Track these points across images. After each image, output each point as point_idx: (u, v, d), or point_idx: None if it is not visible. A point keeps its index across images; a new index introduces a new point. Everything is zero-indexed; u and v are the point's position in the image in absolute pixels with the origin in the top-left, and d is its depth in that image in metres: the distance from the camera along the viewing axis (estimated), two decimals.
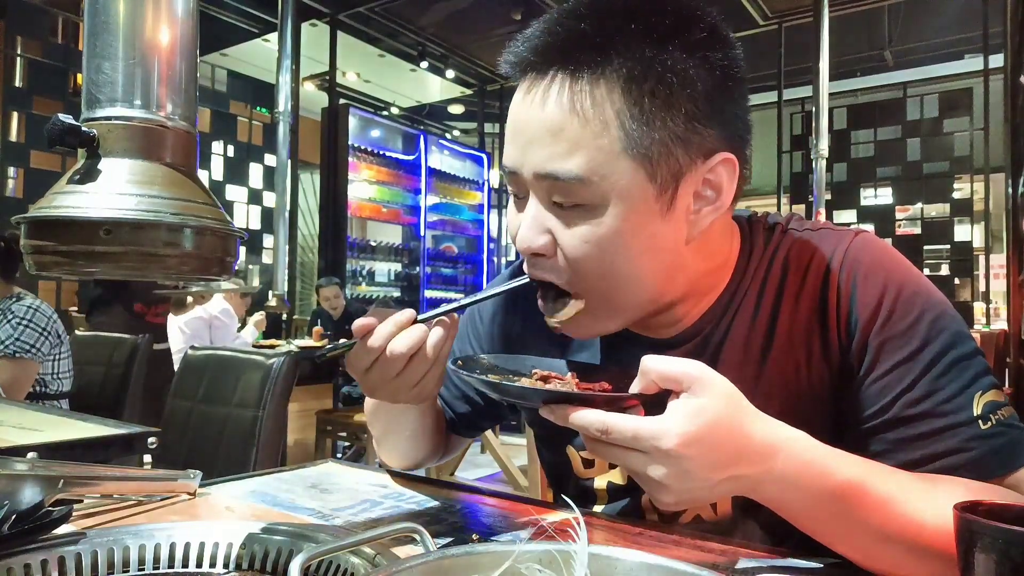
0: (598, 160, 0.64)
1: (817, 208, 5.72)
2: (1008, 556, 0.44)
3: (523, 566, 0.45)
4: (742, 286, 0.77)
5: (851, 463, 0.61)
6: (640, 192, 0.65)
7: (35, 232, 0.60)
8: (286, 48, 5.31)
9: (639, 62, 0.63)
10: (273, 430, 1.84)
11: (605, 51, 0.64)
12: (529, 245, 0.69)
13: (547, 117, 0.65)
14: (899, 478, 0.62)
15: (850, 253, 0.73)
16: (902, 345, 0.68)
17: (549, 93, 0.65)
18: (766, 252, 0.77)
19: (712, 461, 0.55)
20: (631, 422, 0.55)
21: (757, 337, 0.75)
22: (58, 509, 0.63)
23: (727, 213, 0.73)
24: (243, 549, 0.62)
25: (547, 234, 0.68)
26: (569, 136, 0.64)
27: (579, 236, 0.66)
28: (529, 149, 0.67)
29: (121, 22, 0.61)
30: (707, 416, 0.54)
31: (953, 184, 6.93)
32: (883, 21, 7.14)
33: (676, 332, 0.79)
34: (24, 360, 2.52)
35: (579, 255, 0.67)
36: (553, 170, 0.65)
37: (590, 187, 0.64)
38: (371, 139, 6.78)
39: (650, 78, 0.63)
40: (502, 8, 7.02)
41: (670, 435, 0.53)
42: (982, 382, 0.68)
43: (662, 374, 0.56)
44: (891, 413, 0.68)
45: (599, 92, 0.64)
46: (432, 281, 7.52)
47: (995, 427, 0.66)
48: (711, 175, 0.68)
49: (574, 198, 0.66)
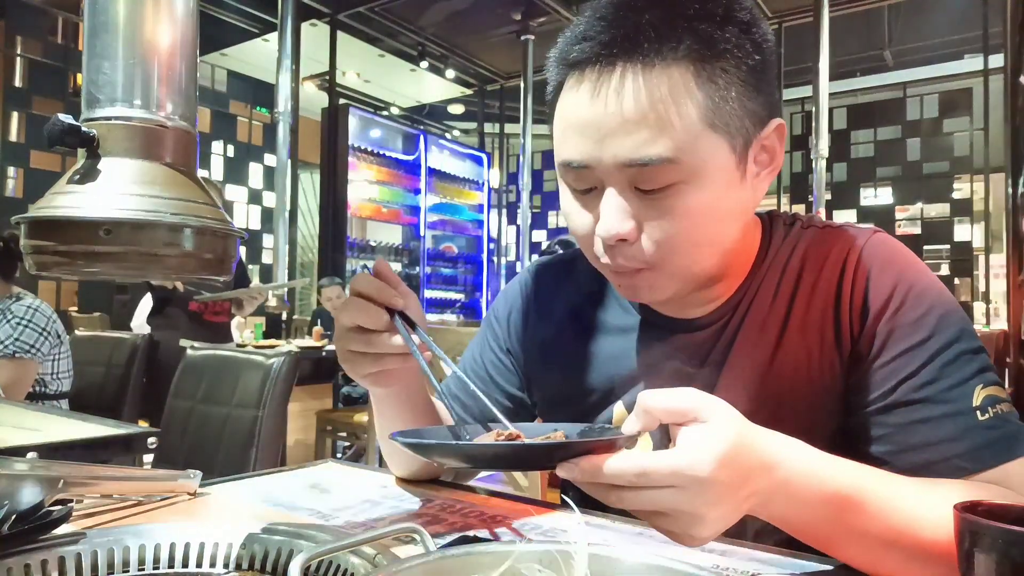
0: (684, 140, 0.67)
1: (817, 208, 5.72)
2: (1008, 556, 0.44)
3: (523, 566, 0.45)
4: (760, 271, 0.81)
5: (848, 469, 0.62)
6: (724, 162, 0.69)
7: (35, 232, 0.60)
8: (286, 48, 5.31)
9: (706, 43, 0.67)
10: (273, 430, 1.84)
11: (673, 38, 0.67)
12: (619, 231, 0.70)
13: (627, 107, 0.67)
14: (897, 483, 0.63)
15: (867, 249, 0.76)
16: (910, 334, 0.71)
17: (624, 85, 0.67)
18: (786, 242, 0.81)
19: (739, 480, 0.55)
20: (666, 459, 0.54)
21: (774, 321, 0.78)
22: (58, 509, 0.63)
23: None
24: (243, 549, 0.62)
25: (631, 220, 0.71)
26: (652, 123, 0.66)
27: (672, 215, 0.69)
28: (608, 141, 0.68)
29: (121, 22, 0.61)
30: (727, 437, 0.54)
31: (953, 184, 6.93)
32: (883, 21, 7.15)
33: (705, 312, 0.82)
34: (24, 360, 2.52)
35: (670, 234, 0.70)
36: (642, 157, 0.67)
37: (680, 166, 0.67)
38: (371, 139, 6.78)
39: (717, 57, 0.68)
40: (502, 8, 7.03)
41: (705, 461, 0.53)
42: (984, 376, 0.69)
43: (667, 409, 0.57)
44: (894, 396, 0.70)
45: (675, 77, 0.67)
46: (432, 281, 7.52)
47: (992, 419, 0.67)
48: (767, 141, 0.73)
49: (663, 180, 0.68)
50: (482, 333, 1.01)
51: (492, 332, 0.99)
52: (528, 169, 7.71)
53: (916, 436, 0.69)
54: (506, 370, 0.96)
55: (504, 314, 0.98)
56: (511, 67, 8.40)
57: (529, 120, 7.64)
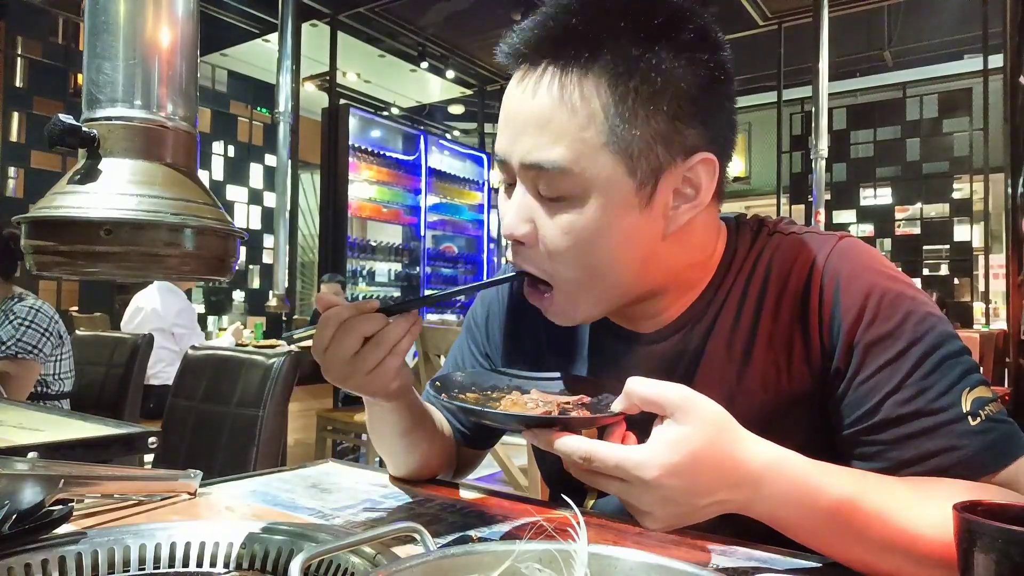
0: (581, 152, 0.65)
1: (817, 208, 5.71)
2: (1008, 556, 0.44)
3: (523, 566, 0.45)
4: (725, 283, 0.78)
5: (842, 477, 0.61)
6: (620, 186, 0.67)
7: (35, 232, 0.60)
8: (286, 48, 5.31)
9: (626, 59, 0.65)
10: (273, 430, 1.84)
11: (594, 47, 0.65)
12: (513, 232, 0.71)
13: (536, 108, 0.67)
14: (891, 487, 0.62)
15: (833, 257, 0.73)
16: (888, 346, 0.68)
17: (540, 84, 0.67)
18: (751, 252, 0.78)
19: (695, 489, 0.55)
20: (613, 452, 0.55)
21: (740, 336, 0.75)
22: (58, 509, 0.63)
23: (710, 210, 0.74)
24: (243, 549, 0.62)
25: (530, 223, 0.70)
26: (556, 127, 0.66)
27: (560, 226, 0.68)
28: (518, 138, 0.69)
29: (121, 22, 0.61)
30: (690, 445, 0.54)
31: (953, 184, 6.92)
32: (883, 21, 7.15)
33: (660, 326, 0.80)
34: (26, 361, 2.52)
35: (559, 245, 0.69)
36: (538, 159, 0.67)
37: (572, 178, 0.66)
38: (371, 139, 6.78)
39: (636, 76, 0.65)
40: (502, 8, 7.01)
41: (651, 466, 0.54)
42: (969, 379, 0.67)
43: (645, 398, 0.57)
44: (881, 414, 0.67)
45: (587, 86, 0.65)
46: (432, 281, 7.51)
47: (984, 423, 0.65)
48: (690, 173, 0.69)
49: (557, 189, 0.67)
50: (462, 338, 1.01)
51: (472, 336, 0.99)
52: None
53: (909, 451, 0.66)
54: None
55: (482, 318, 0.98)
56: None
57: None
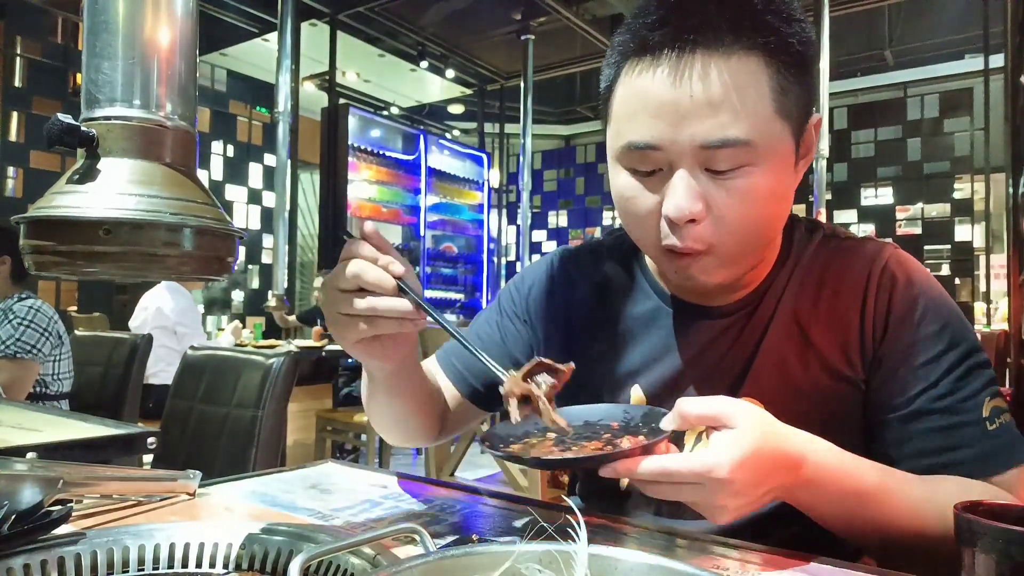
0: (759, 125, 0.72)
1: (817, 208, 5.71)
2: (1008, 556, 0.44)
3: (523, 566, 0.45)
4: (787, 269, 0.87)
5: (868, 467, 0.72)
6: (787, 148, 0.75)
7: (35, 232, 0.60)
8: (286, 48, 5.30)
9: (777, 37, 0.73)
10: (273, 430, 1.84)
11: (748, 30, 0.72)
12: (690, 209, 0.73)
13: (710, 92, 0.71)
14: (911, 481, 0.73)
15: (891, 261, 0.84)
16: (930, 346, 0.79)
17: (708, 71, 0.71)
18: (811, 247, 0.88)
19: (757, 479, 0.64)
20: (688, 462, 0.62)
21: (803, 317, 0.84)
22: (58, 509, 0.63)
23: None
24: (243, 549, 0.62)
25: (701, 200, 0.74)
26: (731, 107, 0.71)
27: (736, 195, 0.73)
28: (686, 123, 0.72)
29: (121, 22, 0.61)
30: (748, 443, 0.63)
31: (953, 184, 6.92)
32: (883, 21, 7.15)
33: (729, 301, 0.87)
34: (25, 360, 2.52)
35: (736, 213, 0.74)
36: (723, 137, 0.71)
37: (753, 149, 0.72)
38: (371, 139, 6.77)
39: (785, 50, 0.73)
40: (502, 8, 7.02)
41: (722, 466, 0.61)
42: (991, 389, 0.78)
43: (700, 415, 0.65)
44: (915, 405, 0.78)
45: (751, 66, 0.72)
46: (432, 281, 7.52)
47: (998, 428, 0.77)
48: (807, 132, 0.79)
49: (735, 161, 0.72)
50: (495, 304, 1.04)
51: (510, 302, 1.03)
52: (528, 169, 7.70)
53: (933, 442, 0.77)
54: (520, 339, 1.00)
55: (525, 288, 1.02)
56: (511, 67, 8.40)
57: (529, 120, 7.63)
